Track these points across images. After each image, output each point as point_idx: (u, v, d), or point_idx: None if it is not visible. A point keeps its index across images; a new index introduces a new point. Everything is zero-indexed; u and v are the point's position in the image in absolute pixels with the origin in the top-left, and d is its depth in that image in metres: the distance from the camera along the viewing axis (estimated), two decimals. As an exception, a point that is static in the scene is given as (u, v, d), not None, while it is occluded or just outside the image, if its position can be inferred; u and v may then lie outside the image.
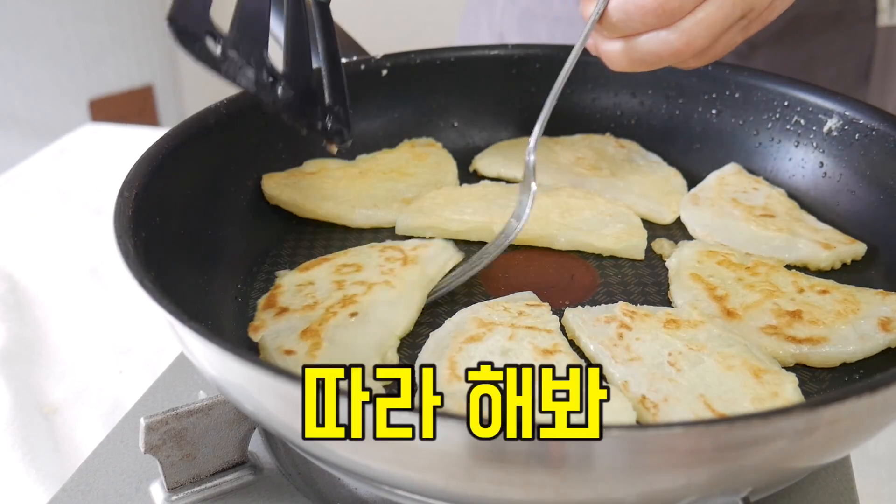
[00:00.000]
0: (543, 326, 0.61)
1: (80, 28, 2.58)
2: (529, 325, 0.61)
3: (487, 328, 0.61)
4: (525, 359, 0.57)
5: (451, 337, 0.60)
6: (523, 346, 0.59)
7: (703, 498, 0.43)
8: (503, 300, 0.66)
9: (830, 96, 0.80)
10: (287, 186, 0.80)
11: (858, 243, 0.73)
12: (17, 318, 0.91)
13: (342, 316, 0.62)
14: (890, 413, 0.47)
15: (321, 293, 0.66)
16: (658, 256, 0.75)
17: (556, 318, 0.64)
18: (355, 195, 0.80)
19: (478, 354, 0.58)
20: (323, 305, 0.64)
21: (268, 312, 0.64)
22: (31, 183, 1.23)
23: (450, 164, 0.87)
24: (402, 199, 0.81)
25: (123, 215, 0.59)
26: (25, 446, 0.74)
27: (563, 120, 0.93)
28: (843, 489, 0.59)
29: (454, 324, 0.62)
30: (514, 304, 0.64)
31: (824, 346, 0.61)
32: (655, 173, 0.86)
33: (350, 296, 0.65)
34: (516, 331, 0.60)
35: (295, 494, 0.58)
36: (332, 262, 0.70)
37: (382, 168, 0.85)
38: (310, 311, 0.64)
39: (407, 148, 0.89)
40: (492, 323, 0.61)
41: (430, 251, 0.71)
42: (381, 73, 0.90)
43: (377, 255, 0.70)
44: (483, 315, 0.63)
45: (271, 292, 0.67)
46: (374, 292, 0.65)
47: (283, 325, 0.63)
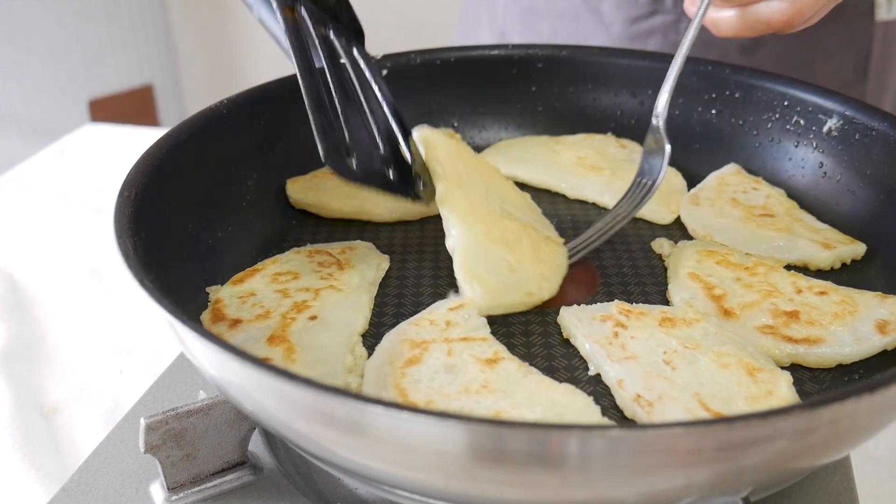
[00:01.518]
0: (477, 335, 0.60)
1: (80, 28, 2.58)
2: (463, 338, 0.60)
3: (422, 348, 0.59)
4: (471, 373, 0.56)
5: (388, 364, 0.58)
6: (465, 360, 0.57)
7: (703, 498, 0.43)
8: (426, 314, 0.63)
9: (830, 96, 0.80)
10: (311, 189, 0.81)
11: (858, 243, 0.73)
12: (17, 318, 0.91)
13: (302, 321, 0.62)
14: (890, 413, 0.47)
15: (269, 303, 0.65)
16: (658, 256, 0.75)
17: (484, 321, 0.62)
18: (354, 192, 0.81)
19: (423, 377, 0.56)
20: (277, 313, 0.63)
21: (219, 326, 0.62)
22: (31, 183, 1.23)
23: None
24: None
25: (123, 215, 0.59)
26: (25, 446, 0.74)
27: (563, 120, 0.94)
28: (843, 489, 0.59)
29: (385, 350, 0.60)
30: (438, 314, 0.63)
31: (820, 346, 0.61)
32: (655, 173, 0.86)
33: (301, 302, 0.64)
34: (451, 345, 0.59)
35: (295, 494, 0.58)
36: (263, 272, 0.69)
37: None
38: (265, 320, 0.62)
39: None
40: (424, 342, 0.59)
41: (358, 254, 0.71)
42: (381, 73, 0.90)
43: (307, 261, 0.70)
44: (412, 335, 0.60)
45: (213, 307, 0.64)
46: (323, 297, 0.65)
47: (243, 336, 0.61)
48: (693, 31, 0.74)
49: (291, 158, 0.83)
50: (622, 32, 1.07)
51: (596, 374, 0.60)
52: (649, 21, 1.04)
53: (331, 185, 0.81)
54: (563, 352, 0.63)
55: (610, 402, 0.57)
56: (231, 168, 0.77)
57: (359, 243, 0.74)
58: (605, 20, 1.07)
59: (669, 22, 1.04)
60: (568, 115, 0.93)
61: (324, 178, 0.83)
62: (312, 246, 0.73)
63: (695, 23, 0.74)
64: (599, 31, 1.08)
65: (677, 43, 0.97)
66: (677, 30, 1.02)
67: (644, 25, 1.05)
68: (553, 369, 0.61)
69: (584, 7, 1.08)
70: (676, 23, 1.03)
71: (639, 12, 1.05)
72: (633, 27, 1.05)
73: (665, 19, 1.03)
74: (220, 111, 0.76)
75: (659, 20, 1.04)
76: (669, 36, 1.04)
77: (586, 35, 1.09)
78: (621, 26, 1.06)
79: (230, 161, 0.77)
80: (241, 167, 0.78)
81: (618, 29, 1.07)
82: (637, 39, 1.06)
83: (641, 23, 1.05)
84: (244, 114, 0.78)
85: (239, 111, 0.77)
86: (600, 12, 1.07)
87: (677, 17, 1.03)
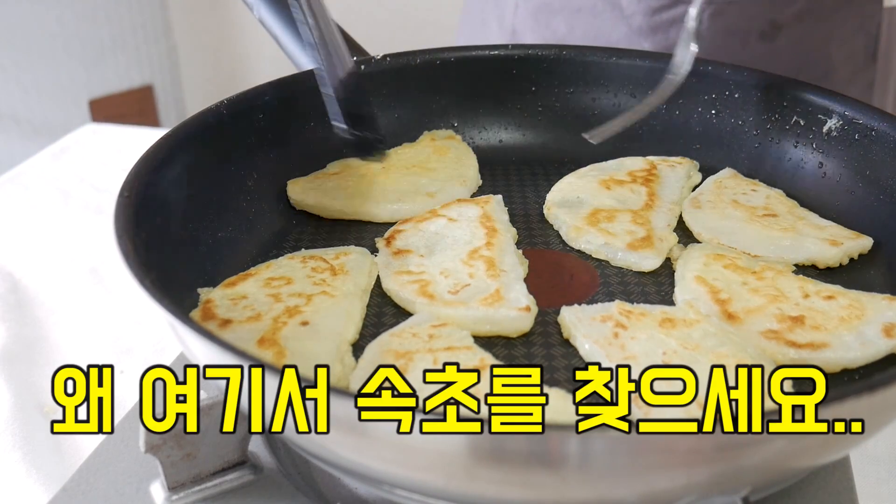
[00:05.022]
0: (461, 344, 0.60)
1: (80, 28, 2.58)
2: (447, 347, 0.59)
3: (406, 358, 0.58)
4: None
5: None
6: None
7: (703, 498, 0.43)
8: (406, 326, 0.63)
9: (830, 96, 0.80)
10: (312, 189, 0.81)
11: (865, 237, 0.73)
12: (18, 318, 0.91)
13: (293, 325, 0.62)
14: (890, 413, 0.47)
15: (260, 306, 0.64)
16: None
17: (466, 332, 0.62)
18: (380, 191, 0.81)
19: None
20: (269, 316, 0.63)
21: (209, 325, 0.62)
22: (32, 183, 1.23)
23: (470, 158, 0.88)
24: (426, 192, 0.81)
25: (124, 215, 0.59)
26: (25, 446, 0.74)
27: (563, 120, 0.94)
28: (842, 489, 0.59)
29: (368, 362, 0.59)
30: (420, 328, 0.62)
31: (825, 351, 0.60)
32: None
33: (293, 307, 0.64)
34: (436, 355, 0.58)
35: (295, 494, 0.58)
36: (257, 276, 0.68)
37: (405, 163, 0.86)
38: (256, 322, 0.62)
39: (428, 141, 0.90)
40: (408, 352, 0.59)
41: (351, 259, 0.71)
42: (381, 73, 0.90)
43: (301, 267, 0.70)
44: (395, 346, 0.60)
45: (203, 306, 0.64)
46: (315, 303, 0.65)
47: (232, 336, 0.61)
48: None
49: (291, 159, 0.83)
50: (643, 24, 1.05)
51: (595, 374, 0.60)
52: (672, 11, 1.03)
53: (332, 186, 0.81)
54: (562, 352, 0.63)
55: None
56: (231, 168, 0.77)
57: (353, 248, 0.73)
58: (626, 12, 1.05)
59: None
60: (568, 116, 0.93)
61: (324, 179, 0.82)
62: (307, 252, 0.73)
63: None
64: (619, 25, 1.07)
65: (700, 32, 0.96)
66: (700, 18, 1.01)
67: (666, 15, 1.04)
68: (552, 369, 0.61)
69: (603, 0, 1.07)
70: (699, 12, 1.02)
71: (660, 2, 1.03)
72: (654, 18, 1.04)
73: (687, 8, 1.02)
74: (220, 111, 0.76)
75: (681, 9, 1.02)
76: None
77: (605, 29, 1.08)
78: (642, 17, 1.05)
79: (230, 161, 0.77)
80: (241, 167, 0.78)
81: (639, 20, 1.05)
82: (659, 30, 1.05)
83: (663, 13, 1.04)
84: (244, 114, 0.78)
85: (239, 111, 0.77)
86: (620, 5, 1.06)
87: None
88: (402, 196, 0.81)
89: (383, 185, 0.82)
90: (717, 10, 1.02)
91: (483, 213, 0.76)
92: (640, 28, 1.05)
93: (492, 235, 0.73)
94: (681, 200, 0.81)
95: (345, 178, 0.83)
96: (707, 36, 1.03)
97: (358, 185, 0.81)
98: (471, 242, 0.72)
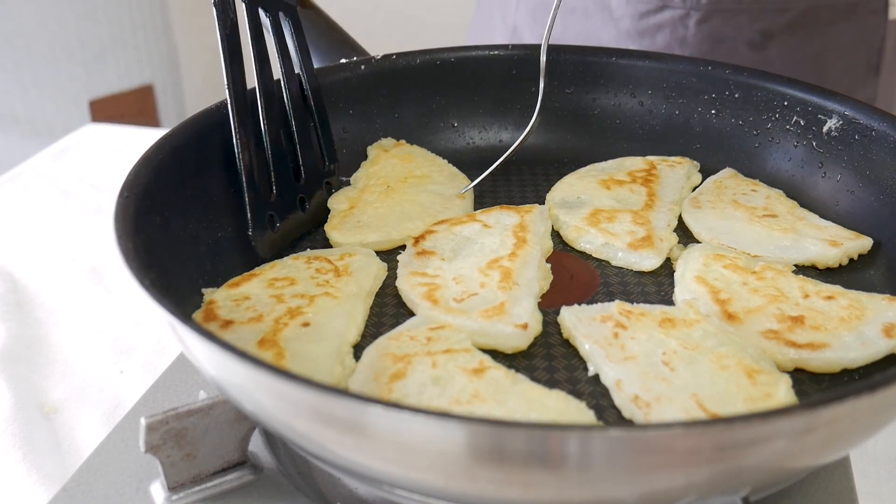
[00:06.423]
0: (460, 346, 0.60)
1: (80, 28, 2.58)
2: (446, 350, 0.59)
3: (405, 362, 0.58)
4: (459, 383, 0.55)
5: (373, 381, 0.57)
6: (452, 371, 0.56)
7: (703, 498, 0.43)
8: (403, 329, 0.63)
9: (830, 96, 0.80)
10: (350, 229, 0.77)
11: (865, 238, 0.73)
12: (18, 318, 0.91)
13: (294, 327, 0.62)
14: (889, 413, 0.47)
15: (262, 307, 0.64)
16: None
17: (464, 335, 0.62)
18: (387, 216, 0.78)
19: (412, 391, 0.55)
20: (270, 317, 0.63)
21: (210, 326, 0.62)
22: (32, 183, 1.23)
23: (432, 154, 0.89)
24: (453, 196, 0.82)
25: (124, 215, 0.59)
26: (26, 446, 0.74)
27: (563, 120, 0.94)
28: (842, 489, 0.59)
29: (367, 366, 0.59)
30: (418, 331, 0.62)
31: (825, 351, 0.60)
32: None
33: (295, 308, 0.64)
34: (435, 357, 0.58)
35: (295, 494, 0.58)
36: (261, 277, 0.68)
37: (392, 180, 0.83)
38: (257, 323, 0.62)
39: (384, 155, 0.87)
40: (406, 356, 0.58)
41: (356, 261, 0.71)
42: (381, 73, 0.90)
43: (305, 267, 0.69)
44: (393, 349, 0.59)
45: (206, 307, 0.64)
46: (318, 304, 0.64)
47: (233, 336, 0.61)
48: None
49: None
50: (631, 27, 1.06)
51: (595, 374, 0.60)
52: (658, 16, 1.04)
53: (367, 219, 0.78)
54: (562, 352, 0.63)
55: (608, 402, 0.57)
56: (231, 168, 0.77)
57: (358, 250, 0.73)
58: (615, 15, 1.07)
59: (678, 17, 1.03)
60: (568, 116, 0.93)
61: (356, 213, 0.79)
62: (312, 252, 0.73)
63: None
64: (608, 27, 1.08)
65: (686, 38, 0.97)
66: (686, 25, 1.02)
67: (653, 20, 1.05)
68: (552, 369, 0.61)
69: (594, 2, 1.08)
70: (685, 17, 1.03)
71: (647, 7, 1.05)
72: (641, 22, 1.05)
73: (674, 14, 1.03)
74: (220, 111, 0.75)
75: (668, 15, 1.04)
76: (678, 31, 1.04)
77: (595, 30, 1.09)
78: (630, 21, 1.06)
79: (230, 161, 0.77)
80: (242, 167, 0.78)
81: (627, 24, 1.07)
82: (646, 34, 1.06)
83: (650, 17, 1.05)
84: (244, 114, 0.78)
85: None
86: (609, 7, 1.07)
87: (686, 11, 1.03)
88: (431, 206, 0.79)
89: (388, 211, 0.79)
90: (703, 17, 1.02)
91: (520, 222, 0.75)
92: (629, 31, 1.06)
93: (519, 246, 0.71)
94: (681, 200, 0.81)
95: (361, 212, 0.79)
96: (693, 43, 1.04)
97: (372, 215, 0.78)
98: (496, 251, 0.71)
